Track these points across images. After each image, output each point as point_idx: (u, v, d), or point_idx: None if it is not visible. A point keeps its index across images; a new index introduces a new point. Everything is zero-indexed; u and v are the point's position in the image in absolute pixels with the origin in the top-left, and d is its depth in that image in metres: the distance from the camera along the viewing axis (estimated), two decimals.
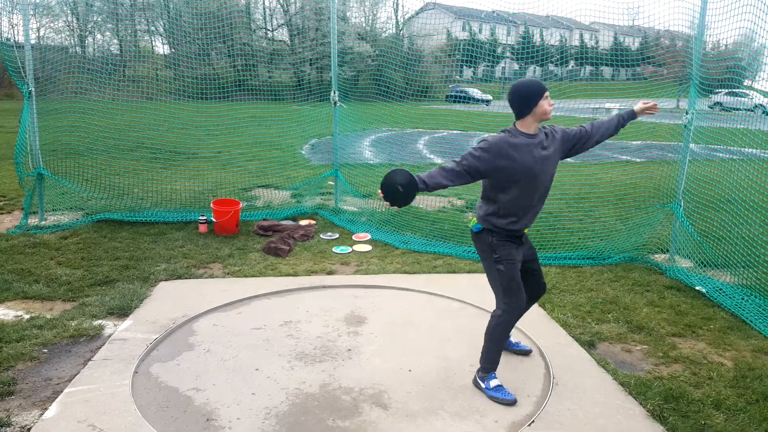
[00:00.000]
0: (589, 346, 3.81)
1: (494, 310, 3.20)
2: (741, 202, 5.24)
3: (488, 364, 3.18)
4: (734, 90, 6.03)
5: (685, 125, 5.31)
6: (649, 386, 3.24)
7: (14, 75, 6.42)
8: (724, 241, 5.28)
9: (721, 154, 6.38)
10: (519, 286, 3.10)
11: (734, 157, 5.75)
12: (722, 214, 5.43)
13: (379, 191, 3.05)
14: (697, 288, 4.89)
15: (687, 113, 5.28)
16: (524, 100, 2.94)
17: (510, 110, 3.05)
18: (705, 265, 5.23)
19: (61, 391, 3.09)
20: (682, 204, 5.42)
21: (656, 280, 5.16)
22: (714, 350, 3.81)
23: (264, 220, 6.90)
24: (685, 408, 3.05)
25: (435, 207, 7.65)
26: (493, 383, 3.14)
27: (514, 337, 3.88)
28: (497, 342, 3.15)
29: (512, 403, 3.05)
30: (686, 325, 4.20)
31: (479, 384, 3.20)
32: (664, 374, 3.44)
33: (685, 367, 3.54)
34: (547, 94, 2.95)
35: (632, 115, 3.38)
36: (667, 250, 5.66)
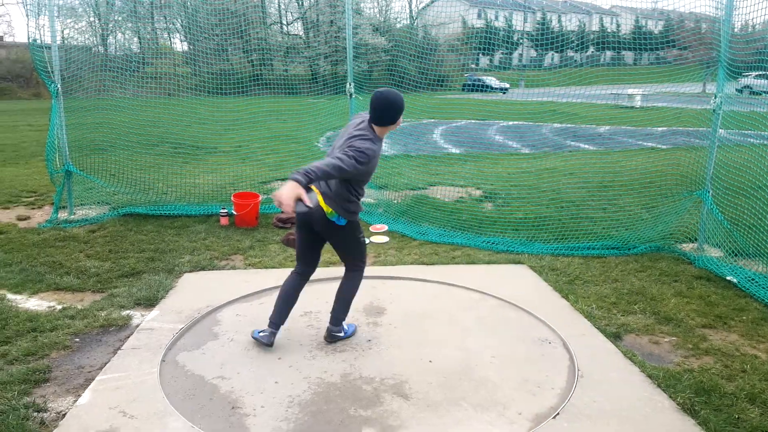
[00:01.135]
0: (615, 337, 3.74)
1: (353, 272, 3.63)
2: None
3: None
4: (765, 73, 5.84)
5: (713, 110, 5.16)
6: (679, 379, 3.16)
7: (43, 74, 6.56)
8: (756, 230, 5.13)
9: (751, 139, 6.20)
10: None
11: (766, 142, 5.57)
12: (754, 201, 5.27)
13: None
14: (727, 278, 4.76)
15: (715, 97, 5.14)
16: (400, 113, 3.25)
17: (523, 98, 3.09)
18: (736, 255, 5.09)
19: (93, 379, 3.17)
20: (711, 191, 5.28)
21: (684, 270, 5.04)
22: (747, 342, 3.71)
23: (283, 212, 6.92)
24: (718, 401, 2.96)
25: (453, 197, 7.60)
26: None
27: (535, 328, 3.85)
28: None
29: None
30: (717, 316, 4.09)
31: (339, 335, 3.65)
32: (695, 367, 3.36)
33: (716, 360, 3.45)
34: None
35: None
36: (696, 239, 5.53)
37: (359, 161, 3.09)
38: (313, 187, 3.33)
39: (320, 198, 3.30)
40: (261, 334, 3.55)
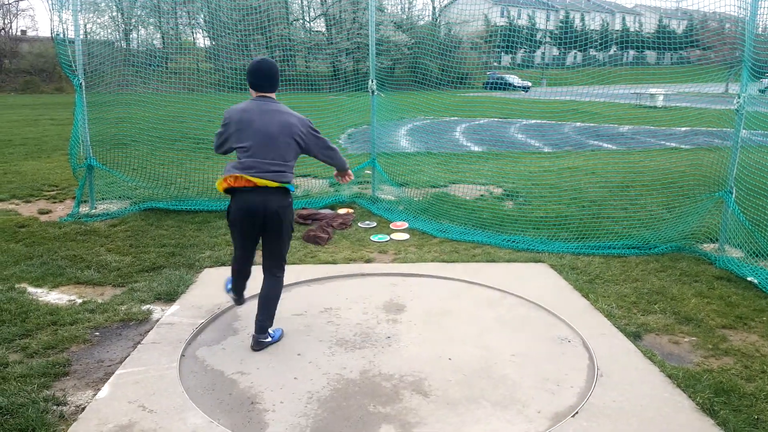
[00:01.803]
0: (634, 337, 3.71)
1: (278, 274, 3.59)
2: None
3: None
4: None
5: (737, 110, 5.08)
6: (699, 379, 3.14)
7: (66, 68, 6.67)
8: None
9: None
10: None
11: None
12: None
13: None
14: (748, 279, 4.70)
15: (739, 97, 5.05)
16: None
17: (545, 97, 3.08)
18: (757, 255, 5.01)
19: (113, 373, 3.21)
20: (734, 192, 5.20)
21: (705, 271, 4.98)
22: (767, 343, 3.65)
23: (303, 209, 6.98)
24: (737, 402, 2.94)
25: (473, 195, 7.58)
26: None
27: (555, 327, 3.84)
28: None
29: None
30: (737, 316, 4.04)
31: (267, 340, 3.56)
32: (714, 367, 3.33)
33: (736, 360, 3.41)
34: None
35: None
36: (717, 240, 5.45)
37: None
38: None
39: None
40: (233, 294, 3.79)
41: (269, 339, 3.57)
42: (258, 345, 3.51)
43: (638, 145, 12.84)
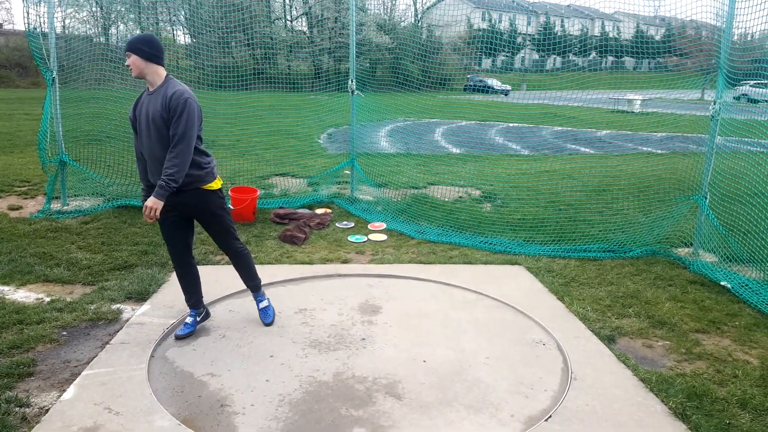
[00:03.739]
0: (609, 340, 3.73)
1: (239, 246, 3.85)
2: None
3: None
4: (761, 81, 5.85)
5: (712, 116, 5.16)
6: (672, 383, 3.16)
7: (40, 62, 6.51)
8: (750, 236, 5.14)
9: (748, 147, 6.21)
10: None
11: (763, 149, 5.57)
12: (749, 207, 5.28)
13: None
14: (721, 283, 4.76)
15: (715, 103, 5.13)
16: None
17: (524, 100, 3.08)
18: (730, 260, 5.10)
19: (79, 374, 3.12)
20: (708, 197, 5.27)
21: (679, 275, 5.04)
22: (739, 347, 3.70)
23: (280, 208, 6.90)
24: (709, 406, 2.96)
25: (452, 197, 7.58)
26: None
27: (530, 330, 3.83)
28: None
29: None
30: (710, 321, 4.09)
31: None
32: (687, 371, 3.35)
33: (709, 365, 3.45)
34: None
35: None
36: (691, 244, 5.52)
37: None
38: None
39: None
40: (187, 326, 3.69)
41: (266, 302, 3.90)
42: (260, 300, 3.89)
43: (615, 150, 13.01)
